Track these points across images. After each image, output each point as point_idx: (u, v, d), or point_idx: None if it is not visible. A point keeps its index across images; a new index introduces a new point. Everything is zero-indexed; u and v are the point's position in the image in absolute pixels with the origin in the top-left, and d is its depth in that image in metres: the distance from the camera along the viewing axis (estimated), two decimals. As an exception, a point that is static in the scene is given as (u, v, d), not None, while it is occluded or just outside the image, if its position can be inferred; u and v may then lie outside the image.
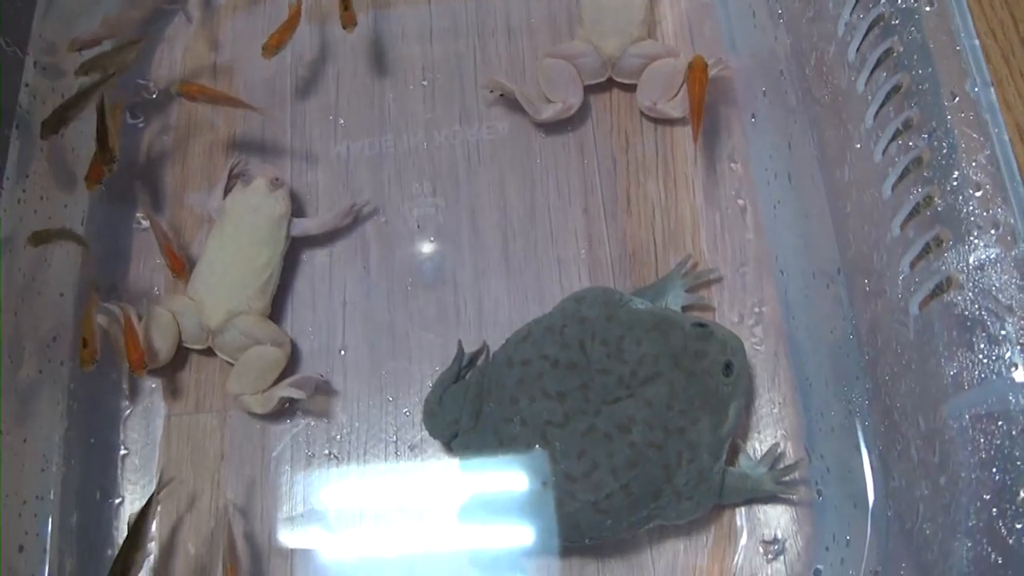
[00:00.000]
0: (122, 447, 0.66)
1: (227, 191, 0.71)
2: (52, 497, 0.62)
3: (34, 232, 0.64)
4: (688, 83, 0.67)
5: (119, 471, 0.66)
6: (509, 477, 0.59)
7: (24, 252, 0.63)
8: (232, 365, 0.66)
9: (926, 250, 0.47)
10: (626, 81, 0.73)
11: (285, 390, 0.65)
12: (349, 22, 0.71)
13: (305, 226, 0.70)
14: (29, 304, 0.63)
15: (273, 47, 0.70)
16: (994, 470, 0.41)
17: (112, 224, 0.72)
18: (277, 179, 0.69)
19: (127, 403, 0.67)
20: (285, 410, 0.66)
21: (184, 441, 0.66)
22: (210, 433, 0.67)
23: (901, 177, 0.49)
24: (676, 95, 0.71)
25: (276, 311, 0.69)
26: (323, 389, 0.66)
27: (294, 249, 0.70)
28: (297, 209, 0.71)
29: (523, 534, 0.59)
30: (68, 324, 0.66)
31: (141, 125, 0.76)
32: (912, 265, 0.48)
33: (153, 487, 0.64)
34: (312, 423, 0.66)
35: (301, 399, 0.65)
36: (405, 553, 0.63)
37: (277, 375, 0.66)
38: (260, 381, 0.65)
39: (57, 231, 0.66)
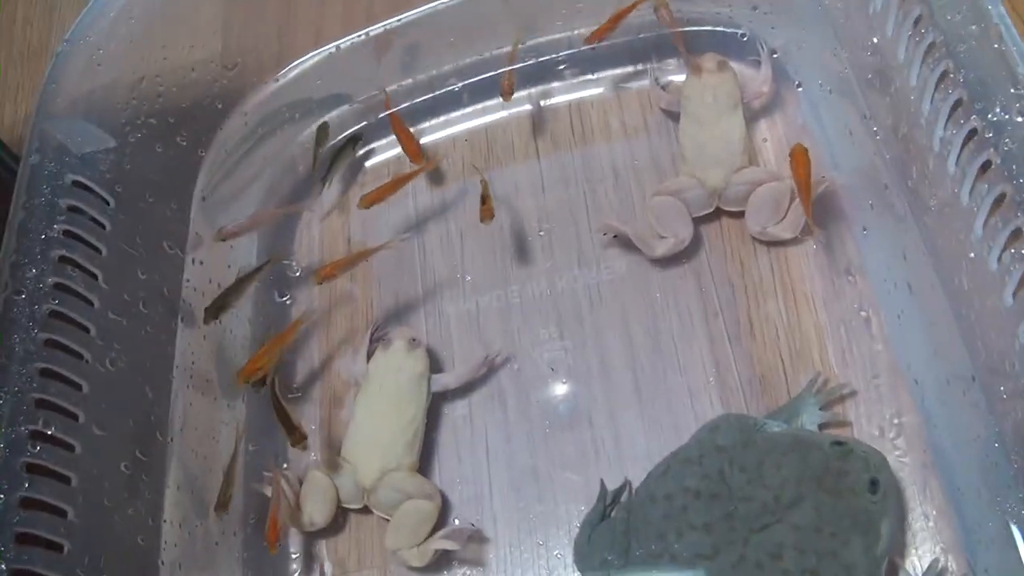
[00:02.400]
0: (295, 610, 0.70)
1: (369, 355, 0.76)
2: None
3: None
4: (792, 168, 0.69)
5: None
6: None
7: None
8: (388, 521, 0.69)
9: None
10: (734, 209, 0.75)
11: (439, 542, 0.67)
12: (487, 216, 0.75)
13: (444, 381, 0.74)
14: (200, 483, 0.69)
15: (370, 200, 0.76)
16: None
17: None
18: (414, 339, 0.74)
19: (295, 567, 0.71)
20: (441, 562, 0.69)
21: (351, 599, 0.70)
22: (374, 584, 0.70)
23: (1020, 285, 0.49)
24: (785, 217, 0.73)
25: (424, 465, 0.72)
26: (475, 537, 0.69)
27: (436, 404, 0.74)
28: (435, 365, 0.75)
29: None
30: (238, 494, 0.71)
31: (288, 303, 0.82)
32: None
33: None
34: (468, 572, 0.68)
35: (456, 550, 0.68)
36: None
37: (431, 528, 0.69)
38: (415, 535, 0.68)
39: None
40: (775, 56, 0.80)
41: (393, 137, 0.84)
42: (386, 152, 0.88)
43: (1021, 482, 0.54)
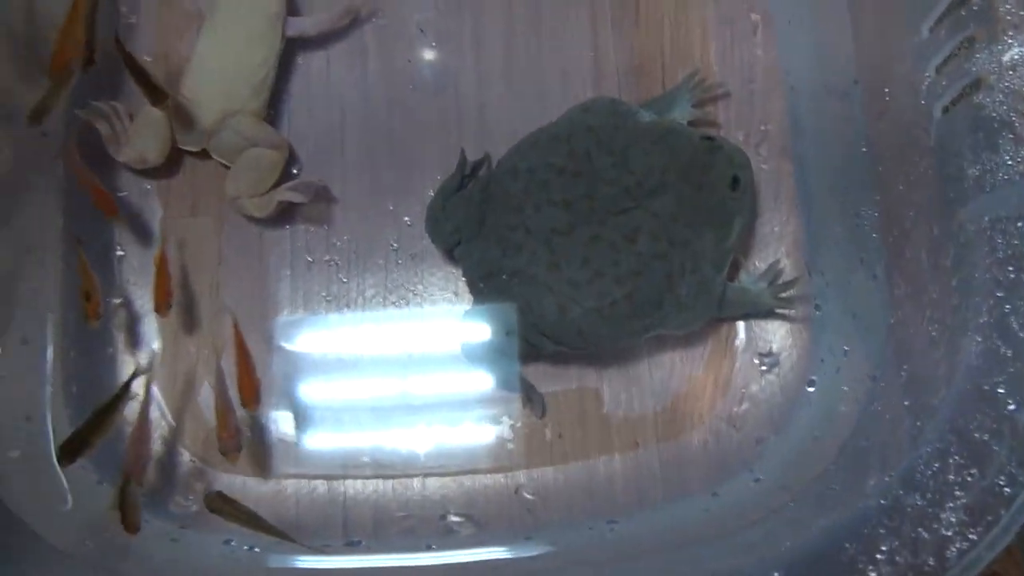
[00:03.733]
0: (118, 248, 0.65)
1: (217, -15, 0.67)
2: (50, 295, 0.62)
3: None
4: None
5: (116, 271, 0.65)
6: (508, 287, 0.59)
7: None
8: (228, 168, 0.65)
9: (955, 52, 0.46)
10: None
11: (284, 194, 0.63)
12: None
13: (301, 25, 0.67)
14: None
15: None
16: (1010, 268, 0.41)
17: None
18: None
19: (122, 205, 0.66)
20: (284, 215, 0.65)
21: (180, 244, 0.65)
22: (207, 237, 0.66)
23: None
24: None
25: (272, 115, 0.66)
26: (323, 195, 0.65)
27: (289, 51, 0.67)
28: (292, 7, 0.68)
29: (524, 343, 0.60)
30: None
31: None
32: (938, 69, 0.47)
33: (150, 288, 0.63)
34: (312, 229, 0.66)
35: (301, 203, 0.64)
36: (402, 357, 0.63)
37: (276, 178, 0.64)
38: (258, 184, 0.64)
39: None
40: None
41: None
42: None
43: (878, 186, 0.55)
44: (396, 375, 0.63)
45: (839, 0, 0.59)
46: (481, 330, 0.61)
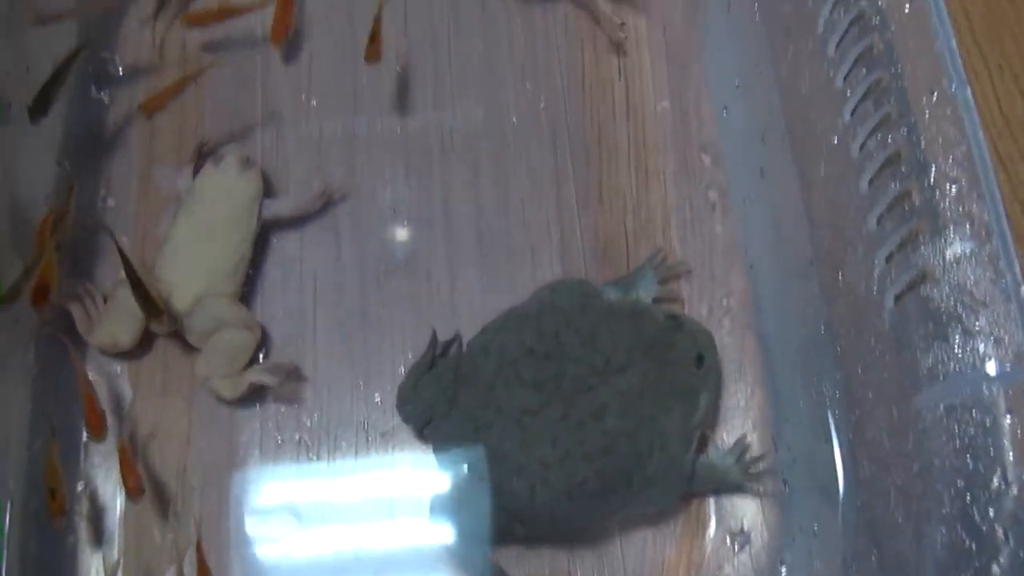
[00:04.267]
0: (84, 432, 0.65)
1: (196, 171, 0.69)
2: (12, 483, 0.61)
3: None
4: None
5: (82, 456, 0.64)
6: (478, 468, 0.59)
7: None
8: (200, 350, 0.65)
9: (902, 245, 0.48)
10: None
11: (256, 375, 0.64)
12: (374, 56, 0.69)
13: (277, 208, 0.69)
14: None
15: (152, 107, 0.68)
16: (968, 458, 0.42)
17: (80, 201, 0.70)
18: (248, 159, 0.68)
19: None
20: (254, 396, 0.65)
21: (149, 425, 0.65)
22: (177, 417, 0.65)
23: (878, 172, 0.50)
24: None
25: (246, 296, 0.67)
26: (294, 375, 0.66)
27: (264, 232, 0.69)
28: (268, 190, 0.70)
29: (494, 526, 0.59)
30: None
31: (107, 101, 0.74)
32: (888, 259, 0.49)
33: (117, 472, 0.63)
34: (282, 409, 0.65)
35: (271, 385, 0.64)
36: (375, 545, 0.62)
37: (247, 360, 0.65)
38: (230, 365, 0.64)
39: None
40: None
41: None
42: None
43: (840, 366, 0.56)
44: (367, 559, 0.62)
45: (791, 183, 0.62)
46: (450, 512, 0.60)
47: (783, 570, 0.60)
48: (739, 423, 0.65)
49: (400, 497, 0.64)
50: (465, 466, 0.60)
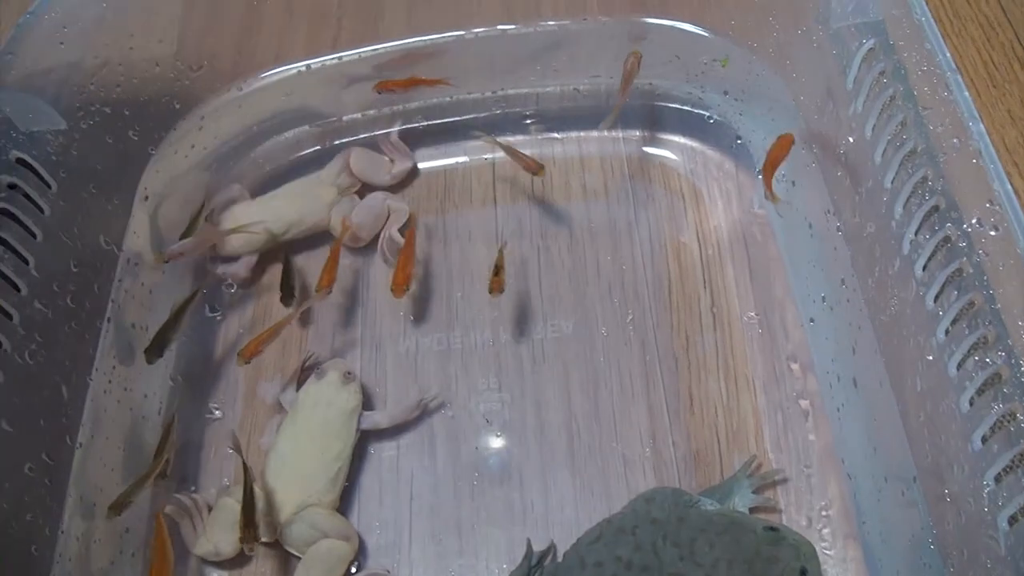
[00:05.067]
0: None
1: (299, 384, 0.73)
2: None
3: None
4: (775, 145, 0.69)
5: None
6: None
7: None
8: (299, 558, 0.66)
9: (1011, 466, 0.48)
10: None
11: None
12: (497, 288, 0.72)
13: (375, 419, 0.71)
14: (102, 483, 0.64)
15: (249, 353, 0.69)
16: None
17: (185, 415, 0.73)
18: (349, 373, 0.71)
19: (194, 602, 0.67)
20: (350, 607, 0.66)
21: (249, 637, 0.66)
22: (274, 630, 0.66)
23: (980, 391, 0.51)
24: None
25: (343, 505, 0.69)
26: (390, 586, 0.66)
27: (362, 442, 0.71)
28: (367, 402, 0.73)
29: None
30: (143, 516, 0.67)
31: (219, 318, 0.79)
32: (997, 479, 0.49)
33: None
34: (378, 621, 0.66)
35: (368, 595, 0.65)
36: None
37: (344, 570, 0.66)
38: (327, 575, 0.65)
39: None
40: (738, 142, 0.82)
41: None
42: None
43: (951, 581, 0.55)
44: None
45: (887, 396, 0.62)
46: None
47: None
48: (846, 640, 0.63)
49: None
50: None
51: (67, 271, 0.65)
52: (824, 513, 0.67)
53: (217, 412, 0.74)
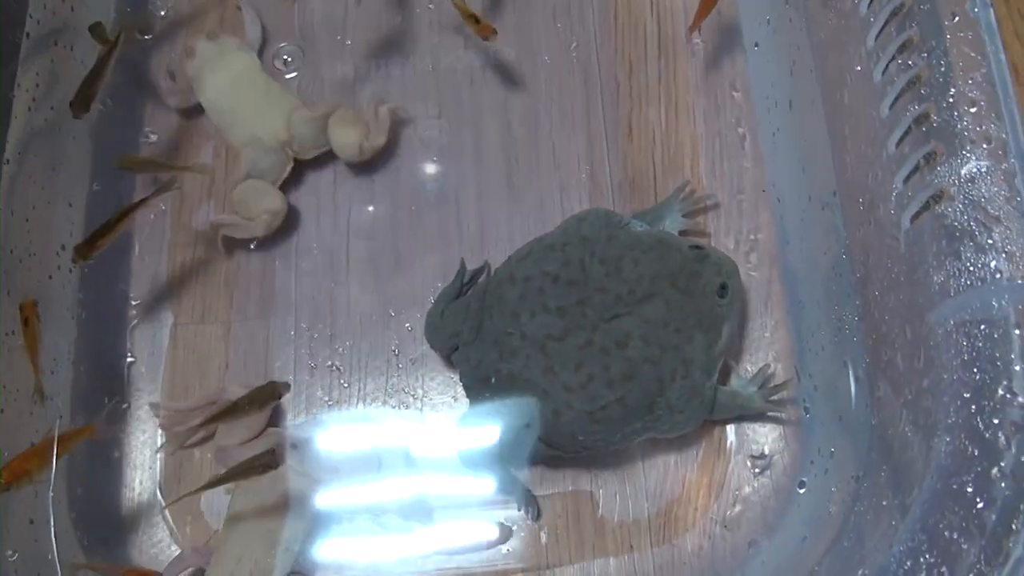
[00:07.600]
0: (129, 355, 0.68)
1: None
2: (60, 400, 0.64)
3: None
4: None
5: (126, 377, 0.67)
6: (504, 392, 0.61)
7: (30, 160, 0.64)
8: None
9: (919, 166, 0.48)
10: (315, 153, 0.71)
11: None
12: (488, 31, 0.69)
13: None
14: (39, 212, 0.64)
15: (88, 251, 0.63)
16: (975, 370, 0.43)
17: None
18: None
19: (134, 313, 0.69)
20: (290, 315, 0.68)
21: (189, 351, 0.68)
22: (215, 343, 0.68)
23: (899, 96, 0.50)
24: None
25: (281, 228, 0.70)
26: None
27: (301, 167, 0.71)
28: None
29: (520, 448, 0.61)
30: (77, 233, 0.67)
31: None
32: (906, 181, 0.50)
33: (159, 395, 0.66)
34: (315, 336, 0.68)
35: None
36: (404, 466, 0.64)
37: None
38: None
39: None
40: None
41: None
42: None
43: (859, 292, 0.57)
44: (392, 478, 0.64)
45: (818, 114, 0.62)
46: (477, 434, 0.62)
47: (800, 491, 0.61)
48: (763, 353, 0.66)
49: (428, 420, 0.66)
50: (491, 391, 0.62)
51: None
52: (751, 237, 0.68)
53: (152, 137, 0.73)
